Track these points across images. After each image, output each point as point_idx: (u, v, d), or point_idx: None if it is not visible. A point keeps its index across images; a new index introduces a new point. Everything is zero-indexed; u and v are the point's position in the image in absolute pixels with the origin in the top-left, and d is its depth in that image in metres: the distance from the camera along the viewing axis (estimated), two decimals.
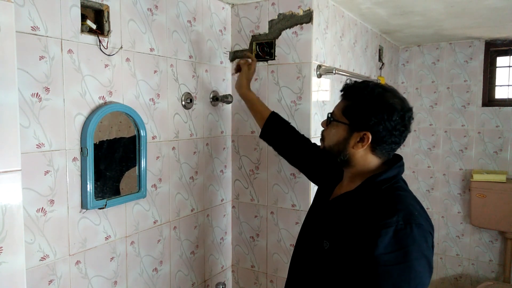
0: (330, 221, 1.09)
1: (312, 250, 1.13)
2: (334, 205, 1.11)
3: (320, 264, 1.08)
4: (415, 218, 0.93)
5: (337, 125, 1.08)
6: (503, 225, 2.69)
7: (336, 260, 1.01)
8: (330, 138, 1.10)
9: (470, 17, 2.17)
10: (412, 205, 0.98)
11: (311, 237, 1.16)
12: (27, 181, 1.10)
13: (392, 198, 0.99)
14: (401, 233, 0.91)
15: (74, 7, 1.20)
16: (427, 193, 3.09)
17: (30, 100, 1.10)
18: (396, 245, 0.90)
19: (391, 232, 0.91)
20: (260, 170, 1.90)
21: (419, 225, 0.93)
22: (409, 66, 3.11)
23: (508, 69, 2.81)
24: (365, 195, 1.03)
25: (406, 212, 0.94)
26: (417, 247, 0.91)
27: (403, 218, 0.92)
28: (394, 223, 0.91)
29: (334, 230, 1.05)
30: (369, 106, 1.01)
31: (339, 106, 1.10)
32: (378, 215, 0.94)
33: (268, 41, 1.83)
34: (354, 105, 1.04)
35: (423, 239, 0.92)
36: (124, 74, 1.38)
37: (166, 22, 1.55)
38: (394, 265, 0.90)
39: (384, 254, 0.90)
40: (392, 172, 1.03)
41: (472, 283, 2.95)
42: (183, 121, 1.67)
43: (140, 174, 1.42)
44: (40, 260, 1.15)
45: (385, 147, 1.04)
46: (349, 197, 1.07)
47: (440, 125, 3.01)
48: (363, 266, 0.93)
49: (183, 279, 1.72)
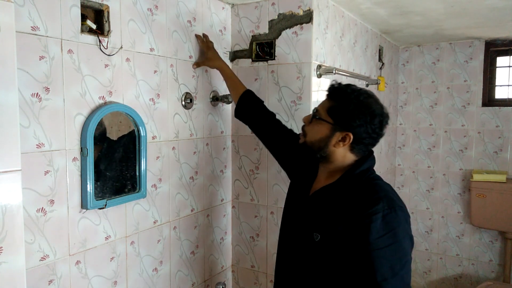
0: (317, 213, 1.14)
1: (301, 244, 1.17)
2: (316, 198, 1.17)
3: (311, 256, 1.13)
4: (395, 202, 1.05)
5: (321, 123, 1.14)
6: (503, 225, 2.69)
7: (329, 251, 1.09)
8: (312, 135, 1.16)
9: (470, 17, 2.17)
10: (390, 192, 1.09)
11: (298, 231, 1.20)
12: (27, 181, 1.10)
13: (372, 187, 1.10)
14: (388, 217, 1.02)
15: (74, 7, 1.20)
16: (427, 193, 3.09)
17: (30, 100, 1.10)
18: (386, 229, 1.01)
19: (380, 218, 1.01)
20: (260, 170, 1.90)
21: (400, 207, 1.05)
22: (409, 66, 3.11)
23: (508, 69, 2.81)
24: (347, 187, 1.12)
25: (388, 198, 1.05)
26: (402, 228, 1.03)
27: (387, 204, 1.03)
28: (381, 209, 1.02)
29: (323, 222, 1.11)
30: (354, 109, 1.09)
31: (324, 105, 1.16)
32: (364, 204, 1.04)
33: (268, 41, 1.83)
34: (339, 107, 1.11)
35: (405, 219, 1.05)
36: (124, 74, 1.38)
37: (166, 22, 1.55)
38: (387, 246, 1.01)
39: (377, 239, 1.00)
40: (366, 165, 1.14)
41: (472, 283, 2.94)
42: (183, 121, 1.67)
43: (140, 174, 1.42)
44: (40, 260, 1.15)
45: (362, 147, 1.14)
46: (330, 189, 1.14)
47: (440, 125, 3.01)
48: (358, 252, 1.02)
49: (183, 279, 1.72)
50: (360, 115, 1.09)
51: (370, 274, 1.00)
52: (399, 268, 1.00)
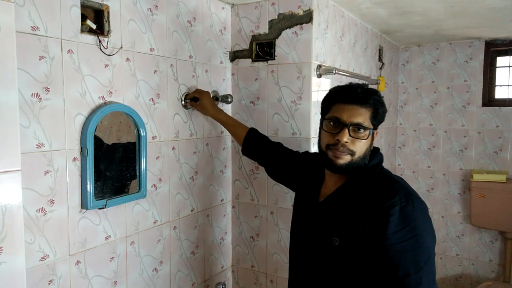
0: (333, 218, 1.10)
1: (319, 250, 1.12)
2: (330, 203, 1.13)
3: (331, 261, 1.09)
4: (412, 194, 1.02)
5: (368, 133, 1.09)
6: (503, 225, 2.69)
7: (349, 254, 1.05)
8: (363, 149, 1.09)
9: (470, 17, 2.17)
10: (404, 184, 1.06)
11: (314, 238, 1.15)
12: (27, 181, 1.10)
13: (387, 180, 1.07)
14: (406, 210, 0.98)
15: (74, 7, 1.20)
16: (427, 193, 3.09)
17: (30, 100, 1.10)
18: (404, 222, 0.97)
19: (397, 211, 0.97)
20: (260, 170, 1.90)
21: (417, 199, 1.01)
22: (409, 66, 3.11)
23: (508, 69, 2.81)
24: (359, 183, 1.09)
25: (404, 190, 1.02)
26: (422, 220, 0.99)
27: (404, 196, 1.00)
28: (398, 202, 0.98)
29: (341, 225, 1.07)
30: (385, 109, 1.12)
31: (363, 115, 1.08)
32: (380, 198, 1.01)
33: (268, 41, 1.83)
34: (376, 111, 1.10)
35: (424, 211, 1.01)
36: (124, 74, 1.38)
37: (166, 22, 1.55)
38: (407, 240, 0.96)
39: (396, 232, 0.96)
40: (376, 159, 1.13)
41: (472, 283, 2.94)
42: (183, 121, 1.67)
43: (140, 174, 1.42)
44: (40, 260, 1.15)
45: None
46: (343, 190, 1.11)
47: (440, 125, 3.01)
48: (378, 249, 0.98)
49: (183, 279, 1.72)
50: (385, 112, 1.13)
51: (391, 271, 0.96)
52: (423, 263, 0.95)
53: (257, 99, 1.87)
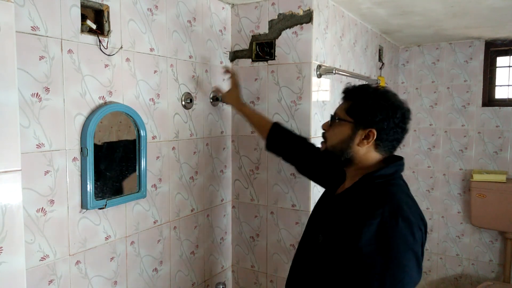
0: (327, 216, 1.13)
1: (308, 245, 1.17)
2: (334, 202, 1.15)
3: (314, 257, 1.11)
4: (402, 212, 0.94)
5: (341, 124, 1.10)
6: (503, 225, 2.69)
7: (328, 253, 1.05)
8: (333, 138, 1.12)
9: (470, 17, 2.17)
10: (403, 200, 0.98)
11: (309, 233, 1.20)
12: (27, 181, 1.10)
13: (382, 192, 1.01)
14: (386, 225, 0.92)
15: (74, 7, 1.20)
16: (427, 193, 3.09)
17: (30, 100, 1.10)
18: (380, 237, 0.91)
19: (375, 224, 0.92)
20: (260, 170, 1.90)
21: (406, 219, 0.93)
22: (409, 66, 3.11)
23: (508, 69, 2.81)
24: (361, 190, 1.05)
25: (394, 205, 0.95)
26: (402, 241, 0.91)
27: (389, 211, 0.93)
28: (379, 215, 0.93)
29: (328, 224, 1.09)
30: (374, 103, 1.05)
31: (341, 107, 1.13)
32: (365, 207, 0.97)
33: (268, 41, 1.83)
34: (358, 104, 1.08)
35: (409, 233, 0.92)
36: (124, 74, 1.38)
37: (166, 22, 1.55)
38: (378, 256, 0.91)
39: (368, 245, 0.91)
40: (390, 170, 1.06)
41: (472, 283, 2.94)
42: (183, 121, 1.67)
43: (140, 174, 1.42)
44: (40, 260, 1.15)
45: (387, 144, 1.08)
46: (348, 193, 1.10)
47: (440, 125, 3.01)
48: (350, 257, 0.95)
49: (183, 279, 1.72)
50: (380, 108, 1.04)
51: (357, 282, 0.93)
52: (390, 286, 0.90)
53: (257, 99, 1.87)
